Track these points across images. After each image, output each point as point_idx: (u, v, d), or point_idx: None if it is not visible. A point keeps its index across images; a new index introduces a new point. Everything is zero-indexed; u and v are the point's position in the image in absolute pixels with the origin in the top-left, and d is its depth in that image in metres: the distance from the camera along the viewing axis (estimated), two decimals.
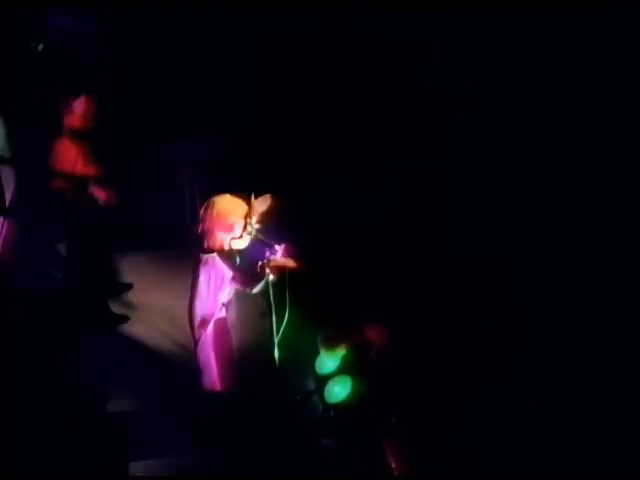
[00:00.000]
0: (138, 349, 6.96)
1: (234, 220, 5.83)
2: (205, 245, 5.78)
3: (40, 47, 7.24)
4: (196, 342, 5.87)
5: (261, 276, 5.82)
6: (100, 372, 6.24)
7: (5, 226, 6.97)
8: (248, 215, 5.89)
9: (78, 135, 6.78)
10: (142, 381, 6.51)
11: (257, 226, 5.93)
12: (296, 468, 5.79)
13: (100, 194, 6.87)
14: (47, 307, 6.61)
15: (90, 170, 6.83)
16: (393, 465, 5.87)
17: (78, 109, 6.78)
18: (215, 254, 5.77)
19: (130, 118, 7.32)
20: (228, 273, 5.75)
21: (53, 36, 7.48)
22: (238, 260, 5.85)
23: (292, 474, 5.76)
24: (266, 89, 7.58)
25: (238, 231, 5.84)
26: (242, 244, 5.89)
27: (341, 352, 6.18)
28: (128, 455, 5.93)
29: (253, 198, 5.95)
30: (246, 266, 5.85)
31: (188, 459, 6.01)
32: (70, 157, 6.78)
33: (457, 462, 5.93)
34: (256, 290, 5.86)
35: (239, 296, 5.93)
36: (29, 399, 5.95)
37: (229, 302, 5.83)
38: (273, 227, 6.00)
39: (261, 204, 6.03)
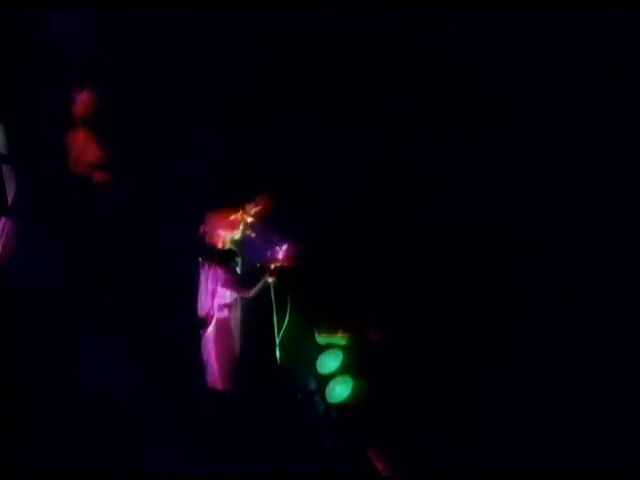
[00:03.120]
0: (138, 349, 6.97)
1: (234, 218, 5.78)
2: (207, 244, 5.75)
3: (42, 46, 7.23)
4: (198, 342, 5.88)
5: (256, 281, 5.80)
6: (100, 372, 6.23)
7: (6, 226, 6.97)
8: (245, 213, 5.86)
9: (85, 125, 6.77)
10: (142, 381, 6.51)
11: (252, 224, 5.91)
12: (298, 468, 5.80)
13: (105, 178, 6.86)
14: (47, 307, 6.60)
15: (97, 159, 6.82)
16: (393, 465, 5.88)
17: (82, 101, 6.77)
18: (213, 256, 5.75)
19: (130, 116, 7.31)
20: (222, 277, 5.74)
21: (53, 34, 7.47)
22: (240, 262, 5.83)
23: (293, 474, 5.77)
24: (266, 86, 7.57)
25: (238, 229, 5.80)
26: (238, 243, 5.86)
27: (340, 341, 6.19)
28: (128, 455, 5.93)
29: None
30: (247, 269, 5.84)
31: (188, 458, 6.01)
32: (79, 147, 6.77)
33: (456, 461, 5.94)
34: (250, 295, 5.86)
35: (242, 296, 5.93)
36: (29, 399, 5.94)
37: (233, 302, 5.83)
38: (270, 226, 5.99)
39: (256, 203, 6.02)
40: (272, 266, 5.88)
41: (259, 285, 5.84)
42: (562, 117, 6.69)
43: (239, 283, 5.85)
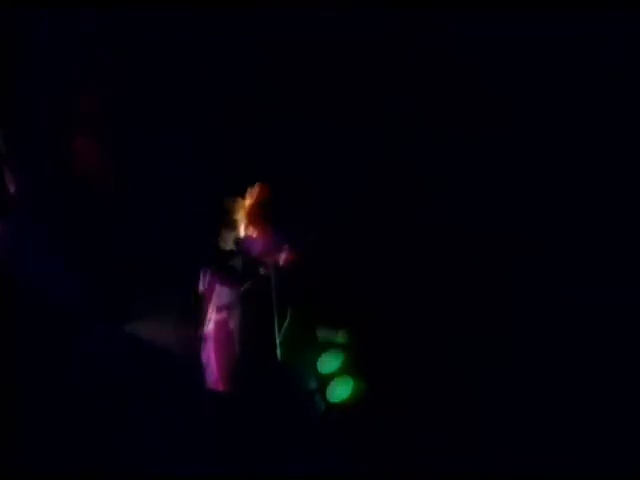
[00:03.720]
0: (138, 348, 6.97)
1: (237, 218, 5.84)
2: (208, 244, 5.79)
3: (42, 46, 7.23)
4: (198, 342, 5.91)
5: (249, 276, 5.84)
6: (100, 372, 6.23)
7: (6, 226, 6.97)
8: (245, 212, 5.91)
9: (85, 125, 6.78)
10: (142, 380, 6.51)
11: (253, 224, 5.94)
12: (298, 468, 5.80)
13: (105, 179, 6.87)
14: (47, 307, 6.60)
15: (98, 159, 6.83)
16: (393, 465, 5.88)
17: (82, 101, 6.77)
18: (213, 256, 5.78)
19: (130, 116, 7.31)
20: (222, 277, 5.77)
21: (53, 34, 7.47)
22: (240, 261, 5.85)
23: (294, 474, 5.77)
24: (266, 86, 7.57)
25: (241, 229, 5.86)
26: (239, 242, 5.89)
27: (340, 340, 6.19)
28: (128, 454, 5.93)
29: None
30: (247, 268, 5.87)
31: (188, 458, 6.01)
32: (79, 147, 6.79)
33: (456, 461, 5.94)
34: (244, 291, 5.88)
35: (242, 296, 5.94)
36: (29, 399, 5.94)
37: (233, 302, 5.85)
38: (270, 225, 6.01)
39: (257, 203, 6.06)
40: (272, 265, 5.90)
41: (247, 284, 5.87)
42: (562, 117, 6.69)
43: (239, 283, 5.87)
